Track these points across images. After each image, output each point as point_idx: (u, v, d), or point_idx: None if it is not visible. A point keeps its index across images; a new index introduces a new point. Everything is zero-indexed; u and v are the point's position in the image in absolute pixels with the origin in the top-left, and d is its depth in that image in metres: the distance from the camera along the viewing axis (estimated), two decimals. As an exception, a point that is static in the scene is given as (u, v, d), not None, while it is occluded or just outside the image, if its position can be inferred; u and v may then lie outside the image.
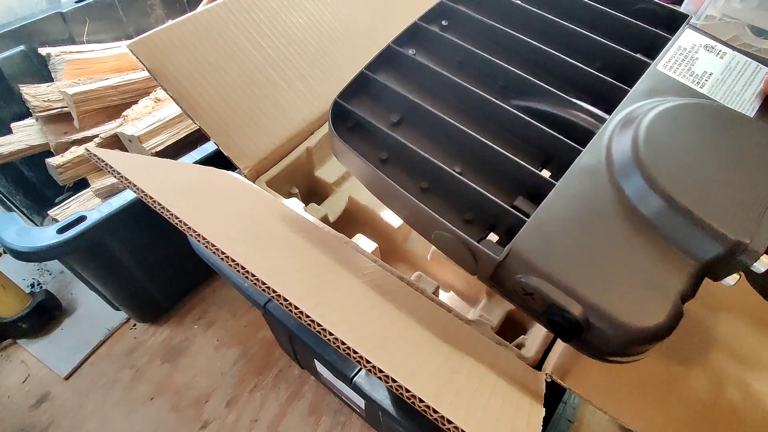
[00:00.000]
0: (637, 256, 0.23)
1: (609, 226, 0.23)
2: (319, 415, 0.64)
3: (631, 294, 0.22)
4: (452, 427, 0.19)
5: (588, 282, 0.22)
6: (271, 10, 0.47)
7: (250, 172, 0.44)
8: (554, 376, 0.30)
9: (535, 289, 0.23)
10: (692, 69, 0.29)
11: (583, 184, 0.25)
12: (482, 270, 0.25)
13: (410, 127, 0.31)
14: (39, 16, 0.78)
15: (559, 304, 0.22)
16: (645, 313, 0.22)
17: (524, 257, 0.23)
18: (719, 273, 0.23)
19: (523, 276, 0.23)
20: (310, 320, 0.21)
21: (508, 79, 0.31)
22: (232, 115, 0.43)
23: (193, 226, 0.25)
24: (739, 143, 0.25)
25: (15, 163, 0.76)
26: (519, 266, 0.23)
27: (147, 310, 0.74)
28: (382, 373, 0.20)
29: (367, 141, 0.31)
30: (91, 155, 0.29)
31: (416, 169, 0.29)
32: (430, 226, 0.27)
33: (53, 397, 0.67)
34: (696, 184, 0.23)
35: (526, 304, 0.25)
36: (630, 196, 0.23)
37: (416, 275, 0.41)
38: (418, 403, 0.19)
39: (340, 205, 0.49)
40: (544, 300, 0.23)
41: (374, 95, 0.33)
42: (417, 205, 0.27)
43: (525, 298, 0.24)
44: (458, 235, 0.25)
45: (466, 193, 0.27)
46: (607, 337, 0.22)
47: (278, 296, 0.22)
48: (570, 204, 0.24)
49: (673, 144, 0.24)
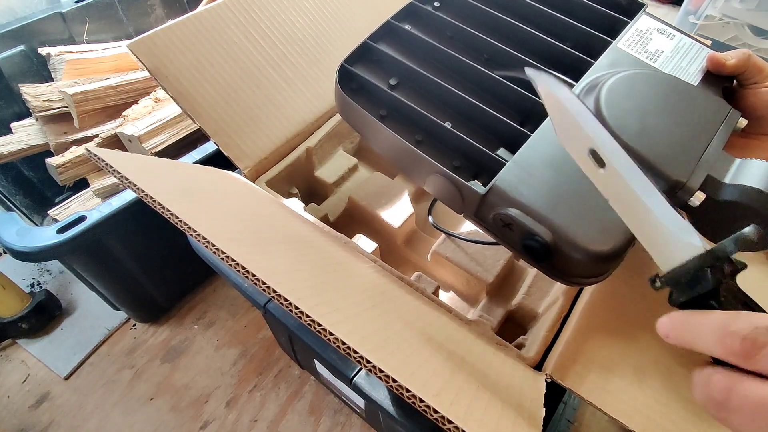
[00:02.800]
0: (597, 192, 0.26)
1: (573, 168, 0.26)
2: (319, 415, 0.64)
3: (590, 223, 0.26)
4: (452, 427, 0.19)
5: (556, 212, 0.27)
6: (271, 10, 0.47)
7: (250, 172, 0.44)
8: (554, 377, 0.30)
9: (513, 219, 0.27)
10: (647, 47, 0.34)
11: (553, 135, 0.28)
12: (468, 207, 0.29)
13: (406, 89, 0.35)
14: (39, 16, 0.78)
15: (532, 231, 0.26)
16: (604, 238, 0.26)
17: (503, 192, 0.27)
18: None
19: (502, 208, 0.27)
20: (311, 320, 0.21)
21: (491, 52, 0.35)
22: (232, 115, 0.43)
23: (193, 225, 0.25)
24: (683, 104, 0.30)
25: (15, 163, 0.77)
26: (499, 200, 0.28)
27: (147, 310, 0.74)
28: (382, 372, 0.20)
29: (369, 100, 0.35)
30: (91, 155, 0.29)
31: (412, 124, 0.33)
32: (424, 170, 0.31)
33: (53, 397, 0.67)
34: (646, 135, 0.27)
35: (504, 236, 0.29)
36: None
37: (416, 275, 0.41)
38: (419, 403, 0.19)
39: (340, 205, 0.49)
40: (520, 229, 0.27)
41: (375, 61, 0.37)
42: (414, 151, 0.30)
43: (503, 229, 0.28)
44: (449, 176, 0.29)
45: (456, 143, 0.31)
46: (571, 259, 0.26)
47: (278, 296, 0.22)
48: (542, 151, 0.29)
49: (628, 103, 0.28)
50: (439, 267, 0.45)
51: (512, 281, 0.44)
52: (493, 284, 0.42)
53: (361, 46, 0.36)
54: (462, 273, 0.43)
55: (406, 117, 0.33)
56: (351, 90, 0.35)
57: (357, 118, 0.34)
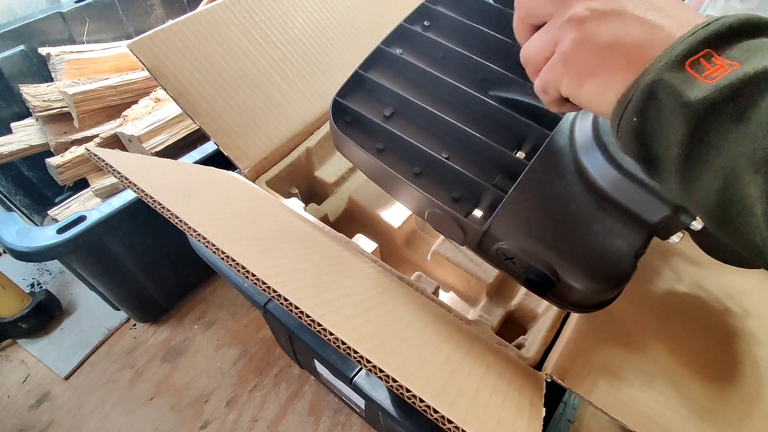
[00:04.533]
0: (598, 223, 0.27)
1: (574, 199, 0.27)
2: (319, 415, 0.64)
3: (594, 256, 0.26)
4: (452, 427, 0.19)
5: (557, 246, 0.27)
6: (271, 10, 0.47)
7: (250, 172, 0.44)
8: (554, 377, 0.30)
9: (514, 253, 0.27)
10: None
11: (551, 163, 0.29)
12: (470, 241, 0.30)
13: (402, 118, 0.35)
14: (39, 16, 0.78)
15: (533, 266, 0.27)
16: (603, 273, 0.26)
17: (503, 228, 0.28)
18: (666, 233, 0.27)
19: (503, 243, 0.27)
20: (311, 320, 0.21)
21: (485, 72, 0.35)
22: (232, 115, 0.43)
23: (194, 225, 0.25)
24: None
25: (15, 163, 0.77)
26: (499, 235, 0.28)
27: (147, 310, 0.74)
28: (382, 372, 0.20)
29: (365, 133, 0.34)
30: (91, 155, 0.29)
31: (409, 156, 0.33)
32: (424, 205, 0.31)
33: (53, 397, 0.67)
34: None
35: (507, 267, 0.29)
36: (590, 172, 0.27)
37: (416, 275, 0.41)
38: (419, 403, 0.19)
39: (339, 205, 0.49)
40: (522, 262, 0.27)
41: (368, 91, 0.36)
42: (411, 187, 0.30)
43: (506, 262, 0.28)
44: (448, 212, 0.29)
45: (453, 175, 0.31)
46: (574, 292, 0.27)
47: (278, 296, 0.22)
48: (540, 181, 0.28)
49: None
50: (439, 267, 0.45)
51: (512, 281, 0.44)
52: (492, 284, 0.42)
53: (353, 76, 0.35)
54: (462, 273, 0.43)
55: (403, 149, 0.33)
56: (345, 123, 0.35)
57: (353, 154, 0.34)
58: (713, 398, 0.29)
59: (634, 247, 0.26)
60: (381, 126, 0.33)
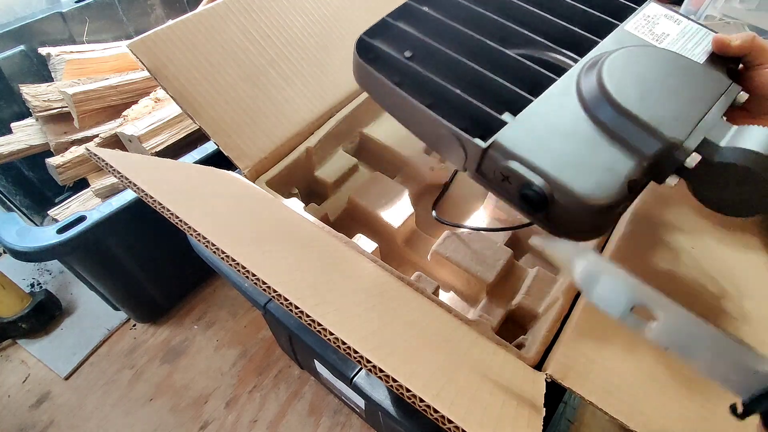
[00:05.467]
0: (595, 148, 0.29)
1: (573, 126, 0.29)
2: (319, 415, 0.64)
3: (587, 175, 0.27)
4: (453, 427, 0.19)
5: (553, 164, 0.28)
6: (271, 10, 0.47)
7: (250, 172, 0.44)
8: (554, 377, 0.30)
9: (512, 171, 0.28)
10: (653, 30, 0.35)
11: (556, 99, 0.31)
12: (470, 162, 0.31)
13: (420, 61, 0.37)
14: (39, 16, 0.78)
15: (529, 181, 0.28)
16: (598, 188, 0.27)
17: (502, 146, 0.29)
18: (661, 173, 0.29)
19: (501, 161, 0.29)
20: (311, 320, 0.21)
21: (503, 33, 0.37)
22: (232, 115, 0.43)
23: (194, 225, 0.25)
24: (684, 77, 0.31)
25: (15, 163, 0.76)
26: (498, 154, 0.29)
27: (147, 310, 0.74)
28: (382, 372, 0.20)
29: (384, 69, 0.37)
30: (91, 155, 0.29)
31: (423, 90, 0.35)
32: (433, 129, 0.33)
33: (53, 397, 0.67)
34: (645, 100, 0.29)
35: (504, 189, 0.30)
36: (591, 106, 0.29)
37: (416, 275, 0.41)
38: (419, 403, 0.19)
39: (340, 205, 0.49)
40: (518, 180, 0.28)
41: (391, 36, 0.39)
42: (424, 112, 0.32)
43: (503, 183, 0.30)
44: (454, 132, 0.31)
45: (463, 106, 0.33)
46: (567, 210, 0.28)
47: (279, 296, 0.22)
48: (544, 112, 0.30)
49: (630, 73, 0.30)
50: (439, 267, 0.45)
51: (512, 281, 0.44)
52: (493, 284, 0.42)
53: (380, 22, 0.39)
54: (462, 273, 0.43)
55: (419, 84, 0.35)
56: (368, 60, 0.37)
57: (372, 84, 0.37)
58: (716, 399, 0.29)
59: (627, 174, 0.28)
60: (401, 62, 0.36)
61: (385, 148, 0.53)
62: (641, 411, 0.28)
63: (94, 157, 0.29)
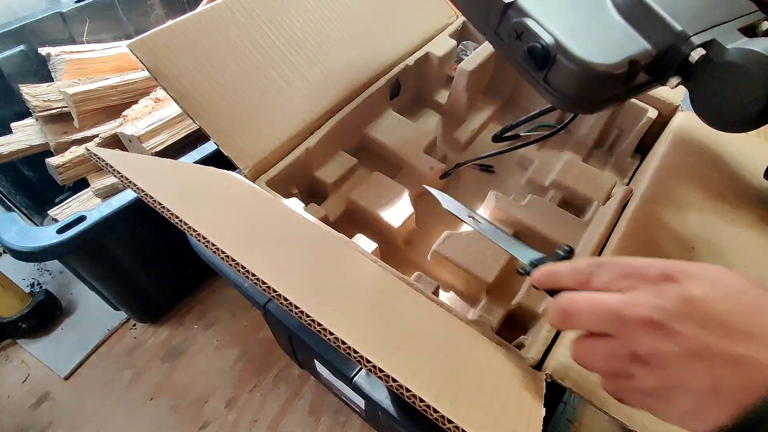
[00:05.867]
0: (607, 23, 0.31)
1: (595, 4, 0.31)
2: (319, 415, 0.64)
3: (592, 43, 0.29)
4: (453, 427, 0.19)
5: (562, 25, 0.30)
6: (271, 10, 0.47)
7: (250, 172, 0.44)
8: (554, 377, 0.30)
9: (525, 27, 0.30)
10: None
11: None
12: (491, 20, 0.33)
13: None
14: (39, 16, 0.78)
15: (538, 36, 0.30)
16: (600, 56, 0.29)
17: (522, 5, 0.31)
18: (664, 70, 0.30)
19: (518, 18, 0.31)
20: (311, 320, 0.21)
21: None
22: (232, 115, 0.43)
23: (194, 225, 0.25)
24: None
25: (15, 163, 0.76)
26: (517, 12, 0.31)
27: (147, 310, 0.74)
28: (382, 372, 0.20)
29: None
30: (91, 154, 0.29)
31: None
32: None
33: (53, 397, 0.67)
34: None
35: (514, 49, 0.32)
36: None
37: (416, 275, 0.41)
38: (419, 403, 0.19)
39: (340, 205, 0.49)
40: (528, 36, 0.30)
41: None
42: None
43: (515, 42, 0.32)
44: None
45: None
46: (566, 72, 0.29)
47: (279, 296, 0.22)
48: None
49: None
50: (439, 267, 0.45)
51: (512, 281, 0.44)
52: (493, 284, 0.42)
53: None
54: (462, 273, 0.43)
55: None
56: None
57: None
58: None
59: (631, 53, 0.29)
60: None
61: (385, 148, 0.53)
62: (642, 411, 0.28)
63: (93, 157, 0.29)
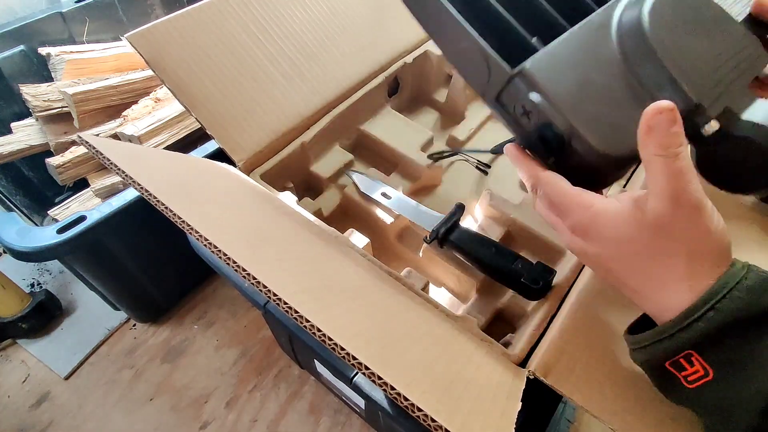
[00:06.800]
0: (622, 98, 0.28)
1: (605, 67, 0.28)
2: (319, 415, 0.64)
3: (611, 129, 0.27)
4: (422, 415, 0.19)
5: (576, 108, 0.27)
6: (269, 4, 0.47)
7: (245, 165, 0.43)
8: (537, 374, 0.30)
9: (535, 105, 0.27)
10: None
11: (592, 33, 0.29)
12: (492, 87, 0.29)
13: None
14: (39, 16, 0.78)
15: (551, 120, 0.27)
16: (616, 144, 0.26)
17: (531, 76, 0.27)
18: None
19: (525, 92, 0.27)
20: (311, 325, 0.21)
21: None
22: (229, 108, 0.43)
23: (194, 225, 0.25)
24: (721, 33, 0.30)
25: (15, 163, 0.76)
26: (524, 83, 0.27)
27: (147, 310, 0.74)
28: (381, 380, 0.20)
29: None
30: (82, 141, 0.29)
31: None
32: (456, 38, 0.30)
33: (53, 397, 0.67)
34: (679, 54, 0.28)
35: (520, 123, 0.29)
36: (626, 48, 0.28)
37: (406, 271, 0.41)
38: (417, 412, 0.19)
39: (334, 200, 0.49)
40: (539, 116, 0.27)
41: None
42: (452, 16, 0.29)
43: (521, 117, 0.28)
44: (480, 45, 0.28)
45: (494, 20, 0.30)
46: (580, 159, 0.27)
47: (279, 299, 0.22)
48: (578, 46, 0.28)
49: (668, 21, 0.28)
50: (431, 263, 0.45)
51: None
52: (483, 281, 0.42)
53: None
54: (453, 270, 0.43)
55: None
56: None
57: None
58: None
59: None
60: None
61: (382, 145, 0.53)
62: (625, 409, 0.28)
63: (85, 144, 0.28)
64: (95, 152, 0.28)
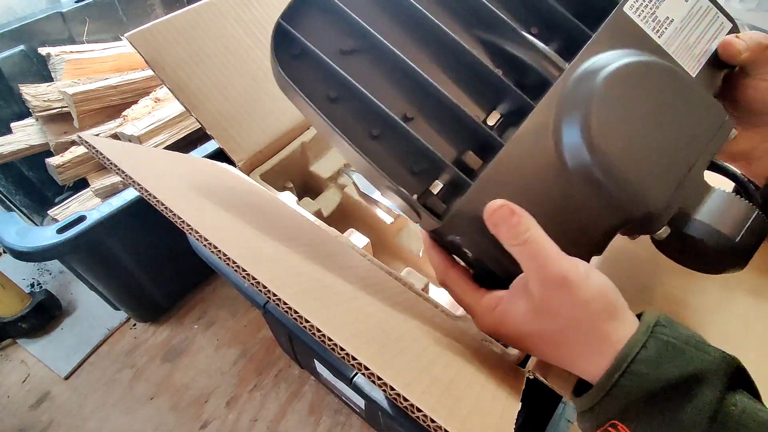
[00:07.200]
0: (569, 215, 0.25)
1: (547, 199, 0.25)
2: (319, 415, 0.64)
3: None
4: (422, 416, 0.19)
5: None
6: (269, 4, 0.47)
7: (245, 165, 0.43)
8: (537, 374, 0.30)
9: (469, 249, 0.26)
10: (656, 14, 0.29)
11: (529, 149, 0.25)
12: (424, 226, 0.27)
13: (365, 58, 0.27)
14: (39, 16, 0.79)
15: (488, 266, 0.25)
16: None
17: (463, 223, 0.24)
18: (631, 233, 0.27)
19: (459, 237, 0.25)
20: (310, 325, 0.21)
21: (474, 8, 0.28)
22: (229, 108, 0.43)
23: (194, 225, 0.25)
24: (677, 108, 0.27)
25: (15, 163, 0.77)
26: (457, 229, 0.25)
27: (147, 309, 0.74)
28: (380, 380, 0.20)
29: (316, 73, 0.26)
30: (81, 141, 0.29)
31: (367, 113, 0.26)
32: (377, 179, 0.26)
33: (53, 397, 0.67)
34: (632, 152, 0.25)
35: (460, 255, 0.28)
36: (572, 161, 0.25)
37: (406, 271, 0.41)
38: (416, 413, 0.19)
39: (334, 200, 0.49)
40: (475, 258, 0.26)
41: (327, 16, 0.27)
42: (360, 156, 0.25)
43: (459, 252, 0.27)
44: (401, 193, 0.25)
45: (414, 143, 0.26)
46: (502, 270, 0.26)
47: (279, 300, 0.22)
48: (513, 171, 0.25)
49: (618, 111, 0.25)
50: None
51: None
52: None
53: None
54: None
55: (359, 102, 0.26)
56: (292, 57, 0.26)
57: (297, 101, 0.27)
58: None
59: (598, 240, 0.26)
60: (334, 67, 0.25)
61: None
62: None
63: (84, 144, 0.28)
64: (95, 152, 0.28)
